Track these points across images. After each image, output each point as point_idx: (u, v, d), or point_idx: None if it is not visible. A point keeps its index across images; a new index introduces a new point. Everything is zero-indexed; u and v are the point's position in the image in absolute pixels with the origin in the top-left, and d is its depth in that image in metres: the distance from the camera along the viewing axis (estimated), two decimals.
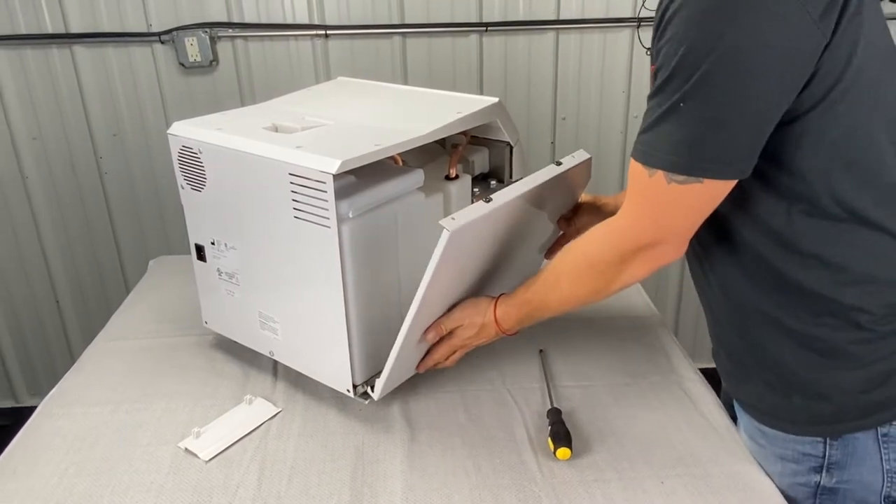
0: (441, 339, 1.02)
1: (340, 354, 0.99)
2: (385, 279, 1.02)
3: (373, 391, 1.00)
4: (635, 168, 0.80)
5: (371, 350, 1.01)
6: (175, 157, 1.08)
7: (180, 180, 1.09)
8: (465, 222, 0.87)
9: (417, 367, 1.05)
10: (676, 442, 0.97)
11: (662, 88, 0.74)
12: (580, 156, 1.07)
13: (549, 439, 0.95)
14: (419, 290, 0.90)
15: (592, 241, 0.90)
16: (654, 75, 0.77)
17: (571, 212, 1.18)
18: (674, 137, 0.74)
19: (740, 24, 0.68)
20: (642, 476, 0.91)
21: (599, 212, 1.16)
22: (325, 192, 0.89)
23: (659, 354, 1.18)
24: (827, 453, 0.86)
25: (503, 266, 1.08)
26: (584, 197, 1.18)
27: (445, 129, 1.03)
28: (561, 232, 1.20)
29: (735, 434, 0.98)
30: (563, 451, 0.93)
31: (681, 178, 0.75)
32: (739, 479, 0.90)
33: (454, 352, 1.04)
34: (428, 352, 1.04)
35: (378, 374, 1.03)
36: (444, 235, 0.85)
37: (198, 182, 1.07)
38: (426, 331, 0.99)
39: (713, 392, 1.08)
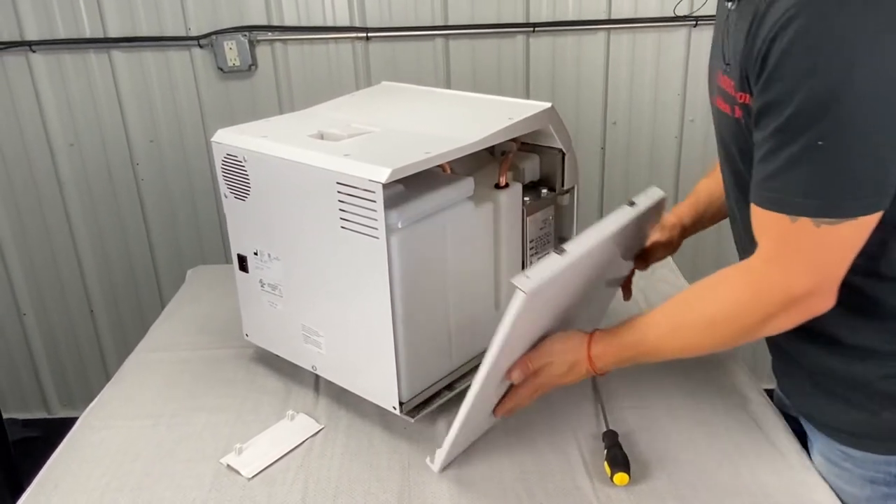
0: (525, 379, 0.96)
1: (387, 369, 1.00)
2: (433, 291, 1.02)
3: (432, 462, 0.97)
4: (769, 217, 0.77)
5: (418, 365, 1.02)
6: (218, 165, 1.11)
7: (223, 189, 1.12)
8: (542, 281, 0.83)
9: (494, 411, 1.00)
10: (741, 469, 0.96)
11: (788, 127, 0.71)
12: (654, 193, 1.05)
13: (606, 464, 0.94)
14: (488, 354, 0.87)
15: (730, 291, 0.85)
16: (762, 110, 0.74)
17: (644, 249, 1.16)
18: (819, 179, 0.72)
19: (871, 46, 0.66)
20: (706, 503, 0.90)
21: (674, 247, 1.17)
22: (375, 201, 0.90)
23: (720, 373, 1.17)
24: None
25: (576, 307, 1.05)
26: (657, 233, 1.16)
27: (497, 135, 1.04)
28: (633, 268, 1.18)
29: (806, 461, 0.96)
30: (620, 477, 0.92)
31: (831, 219, 0.73)
32: None
33: (536, 392, 0.98)
34: (506, 394, 0.99)
35: (424, 390, 1.04)
36: (519, 297, 0.82)
37: (242, 191, 1.09)
38: (510, 369, 0.94)
39: (780, 415, 1.06)
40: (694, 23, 2.07)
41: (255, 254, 1.13)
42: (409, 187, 0.97)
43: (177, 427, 1.08)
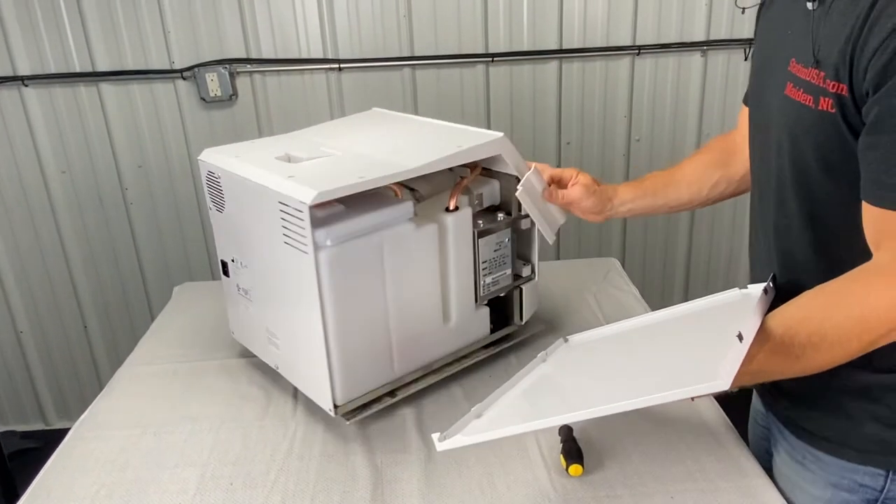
0: None
1: (323, 374, 1.00)
2: (370, 305, 1.02)
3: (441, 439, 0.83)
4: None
5: (353, 373, 1.02)
6: (204, 180, 1.14)
7: (208, 201, 1.15)
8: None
9: None
10: (685, 457, 0.97)
11: None
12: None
13: (562, 456, 0.95)
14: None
15: (872, 297, 0.73)
16: (889, 110, 0.68)
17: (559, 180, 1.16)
18: None
19: None
20: (652, 491, 0.91)
21: (591, 194, 1.14)
22: (303, 220, 0.91)
23: None
24: (886, 487, 0.82)
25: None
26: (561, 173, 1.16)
27: (438, 163, 1.02)
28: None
29: (744, 448, 0.98)
30: (575, 468, 0.93)
31: None
32: (748, 493, 0.90)
33: None
34: None
35: (362, 395, 1.05)
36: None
37: (220, 204, 1.12)
38: None
39: (717, 405, 1.07)
40: (637, 51, 2.10)
41: (233, 261, 1.15)
42: (350, 207, 0.98)
43: (164, 436, 1.06)
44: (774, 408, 0.97)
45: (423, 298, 1.08)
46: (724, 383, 0.67)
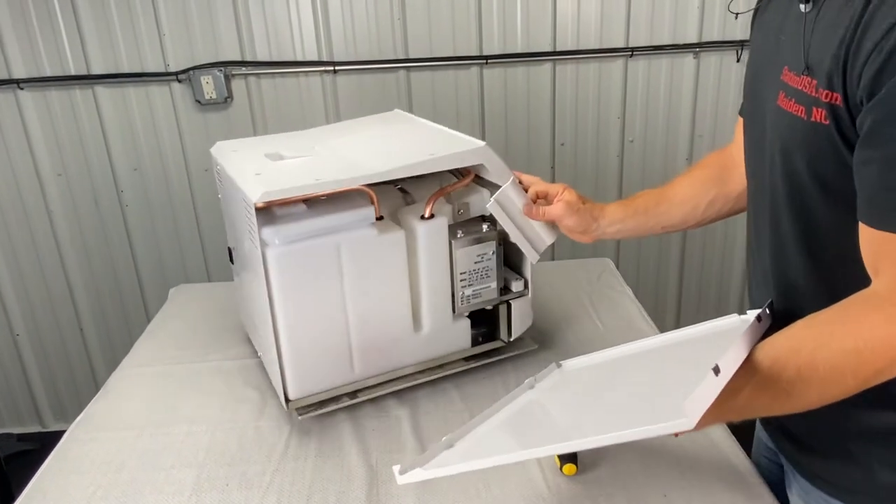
0: None
1: (276, 368, 1.02)
2: (325, 306, 1.01)
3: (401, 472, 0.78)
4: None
5: (305, 370, 1.03)
6: (214, 171, 1.19)
7: (219, 192, 1.20)
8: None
9: None
10: (678, 457, 0.97)
11: None
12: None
13: (556, 456, 0.95)
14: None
15: (866, 330, 0.67)
16: (883, 119, 0.63)
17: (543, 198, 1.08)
18: None
19: None
20: (646, 491, 0.91)
21: (573, 212, 1.06)
22: (253, 218, 0.94)
23: None
24: None
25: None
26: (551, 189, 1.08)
27: (402, 170, 1.00)
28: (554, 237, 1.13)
29: (736, 447, 0.98)
30: (569, 468, 0.93)
31: None
32: (741, 492, 0.90)
33: None
34: None
35: (318, 393, 1.06)
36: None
37: (223, 194, 1.16)
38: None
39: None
40: (630, 53, 2.11)
41: (233, 248, 1.18)
42: (311, 208, 0.99)
43: (159, 437, 1.06)
44: (783, 449, 0.93)
45: (389, 304, 1.06)
46: (689, 422, 0.61)
